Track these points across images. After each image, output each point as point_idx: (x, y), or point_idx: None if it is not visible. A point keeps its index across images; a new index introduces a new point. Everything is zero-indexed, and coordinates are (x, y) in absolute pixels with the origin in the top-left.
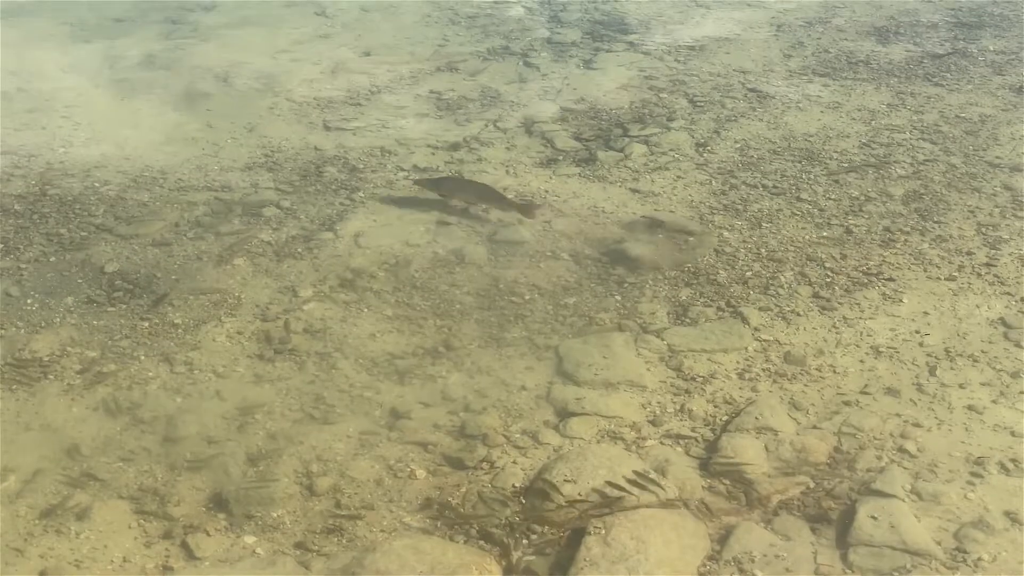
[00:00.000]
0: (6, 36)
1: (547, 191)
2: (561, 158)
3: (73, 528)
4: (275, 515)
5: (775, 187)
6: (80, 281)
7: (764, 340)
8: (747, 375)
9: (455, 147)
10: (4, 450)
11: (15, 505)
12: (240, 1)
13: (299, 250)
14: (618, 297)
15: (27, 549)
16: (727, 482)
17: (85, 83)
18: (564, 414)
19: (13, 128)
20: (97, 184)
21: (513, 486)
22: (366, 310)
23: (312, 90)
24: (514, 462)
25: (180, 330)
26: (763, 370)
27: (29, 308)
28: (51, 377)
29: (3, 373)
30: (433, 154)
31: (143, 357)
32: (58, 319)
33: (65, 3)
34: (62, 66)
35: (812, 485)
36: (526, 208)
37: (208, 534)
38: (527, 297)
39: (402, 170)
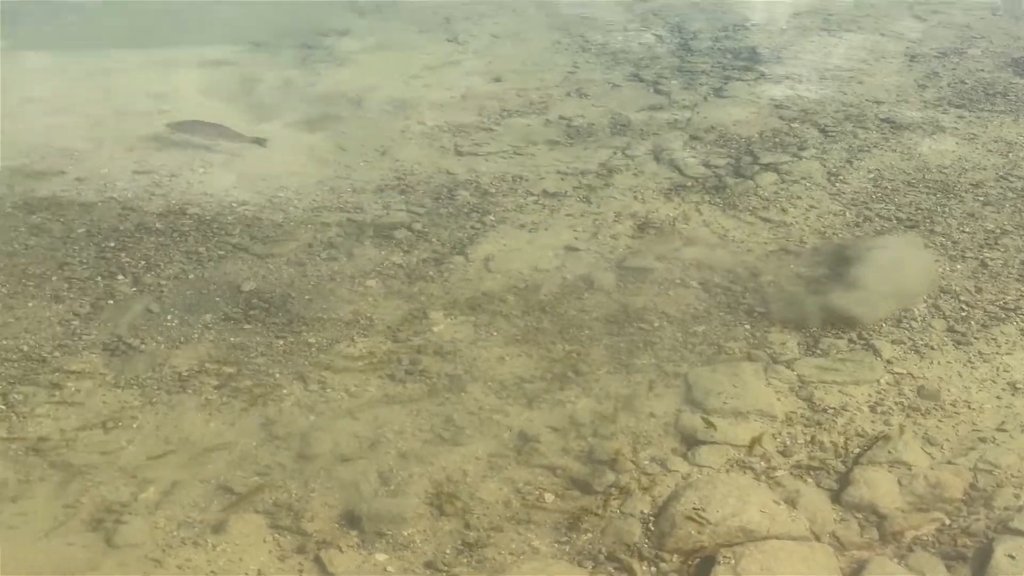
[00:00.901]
0: (149, 59)
1: (675, 218)
2: (690, 185)
3: (210, 540)
4: (406, 534)
5: (909, 219)
6: (218, 299)
7: (897, 373)
8: (879, 408)
9: (584, 173)
10: (144, 461)
11: (154, 516)
12: (374, 27)
13: (430, 272)
14: (748, 326)
15: (165, 560)
16: (859, 516)
17: (223, 106)
18: (693, 442)
19: (155, 149)
20: (234, 204)
21: (642, 512)
22: (495, 333)
23: (444, 115)
24: (643, 488)
25: (314, 349)
26: (896, 403)
27: (169, 324)
28: (190, 392)
29: (144, 387)
30: (563, 179)
31: (278, 374)
32: (196, 335)
33: (205, 28)
34: (201, 88)
35: (947, 522)
36: (258, 140)
37: (341, 550)
38: (656, 324)
39: (532, 195)
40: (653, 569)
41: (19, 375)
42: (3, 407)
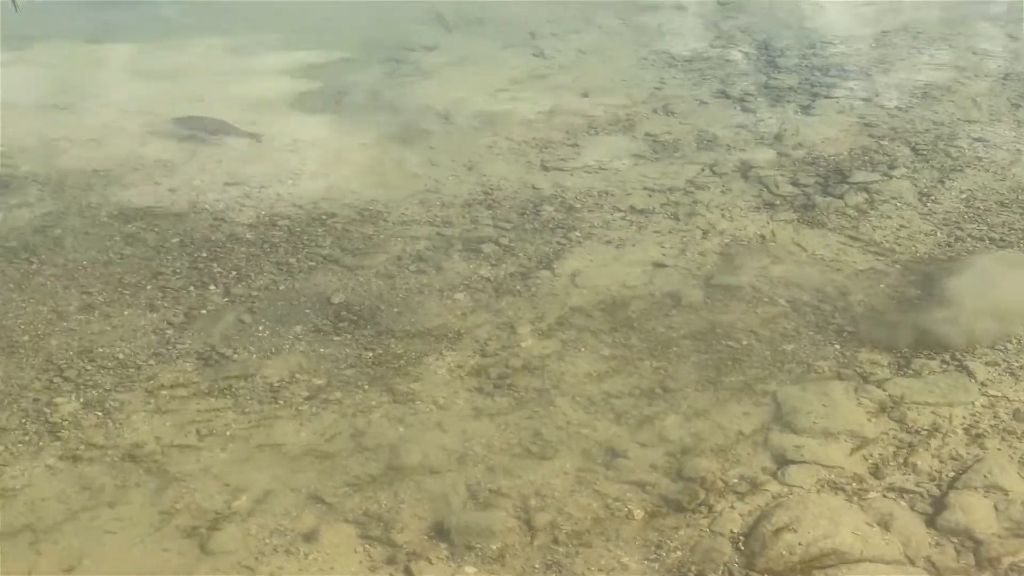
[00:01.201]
0: (237, 68)
1: (763, 236)
2: (778, 203)
3: (302, 549)
4: (495, 547)
5: (1002, 240)
6: (308, 310)
7: (992, 396)
8: (974, 431)
9: (671, 189)
10: (237, 469)
11: (247, 524)
12: (461, 42)
13: (517, 287)
14: (837, 346)
15: (258, 567)
16: (955, 540)
17: (312, 118)
18: (783, 461)
19: (245, 160)
20: (324, 216)
21: (731, 531)
22: (583, 349)
23: (530, 130)
24: (732, 507)
25: (403, 361)
26: (991, 426)
27: (260, 334)
28: (281, 402)
29: (236, 396)
30: (650, 196)
31: (367, 386)
32: (287, 346)
33: (293, 40)
34: (290, 100)
35: None
36: (254, 136)
37: (431, 562)
38: (744, 342)
39: (619, 211)
40: None
41: (115, 382)
42: (100, 414)
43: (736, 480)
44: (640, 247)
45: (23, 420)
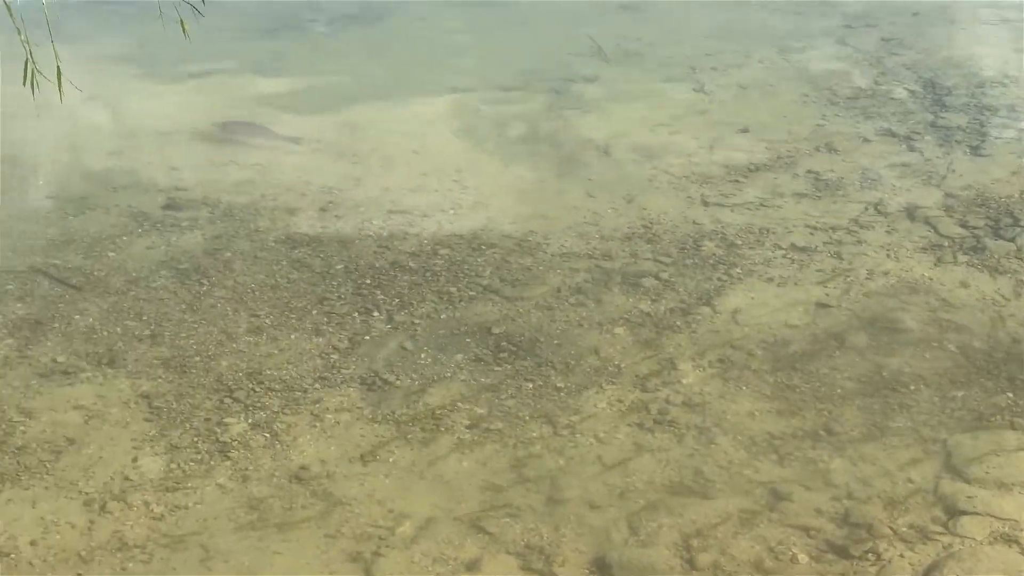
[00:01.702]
0: (399, 94)
1: (931, 278)
2: (946, 245)
3: None
4: None
5: None
6: (468, 340)
7: None
8: None
9: (834, 228)
10: (400, 495)
11: (410, 550)
12: (621, 74)
13: (677, 323)
14: (1010, 394)
15: None
16: None
17: (474, 149)
18: (953, 511)
19: (408, 189)
20: (484, 246)
21: None
22: (744, 388)
23: (690, 164)
24: (901, 556)
25: (563, 394)
26: None
27: (423, 362)
28: (443, 430)
29: (399, 422)
30: (812, 234)
31: (527, 417)
32: (449, 374)
33: (454, 69)
34: (452, 129)
35: None
36: (293, 140)
37: None
38: (912, 387)
39: (780, 248)
40: None
41: (282, 405)
42: (268, 435)
43: (905, 528)
44: (802, 286)
45: (195, 439)
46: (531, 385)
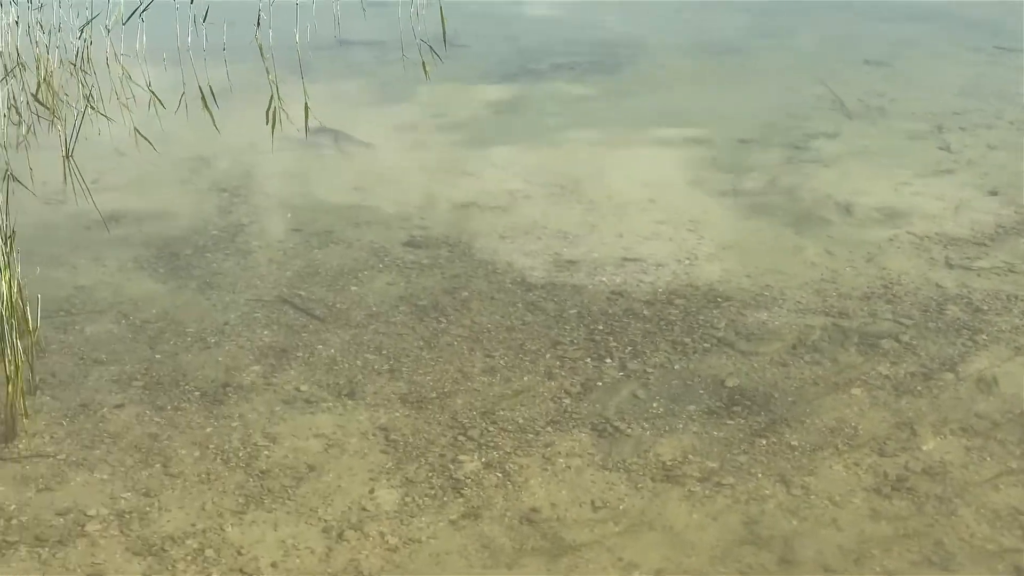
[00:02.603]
0: (634, 140)
1: None
2: None
3: None
4: None
5: None
6: (701, 391)
7: None
8: None
9: None
10: (630, 544)
11: None
12: (863, 130)
13: (918, 387)
14: None
15: None
16: None
17: (710, 200)
18: None
19: (643, 237)
20: (719, 299)
21: None
22: (988, 458)
23: (934, 225)
24: None
25: (797, 453)
26: None
27: (654, 411)
28: (673, 481)
29: (630, 471)
30: None
31: (760, 475)
32: (680, 425)
33: (690, 118)
34: (688, 179)
35: None
36: (367, 144)
37: None
38: None
39: None
40: None
41: (515, 446)
42: (500, 475)
43: None
44: None
45: (429, 474)
46: (764, 442)
